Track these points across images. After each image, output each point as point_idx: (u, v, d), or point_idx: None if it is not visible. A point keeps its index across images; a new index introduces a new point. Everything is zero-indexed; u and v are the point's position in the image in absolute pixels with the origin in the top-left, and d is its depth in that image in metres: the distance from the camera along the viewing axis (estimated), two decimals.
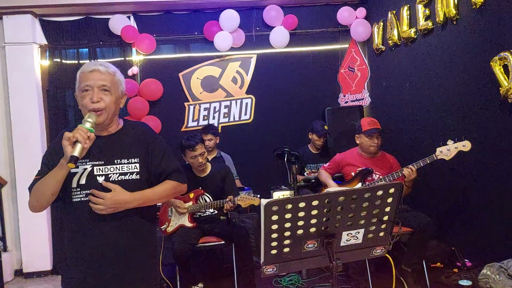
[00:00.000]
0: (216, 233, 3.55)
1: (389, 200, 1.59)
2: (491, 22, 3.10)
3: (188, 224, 3.49)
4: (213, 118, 5.35)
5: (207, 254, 4.12)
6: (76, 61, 5.03)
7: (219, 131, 5.26)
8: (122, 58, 5.08)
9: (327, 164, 3.94)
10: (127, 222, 1.81)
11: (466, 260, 3.61)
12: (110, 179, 1.78)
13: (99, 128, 1.80)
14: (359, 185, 3.53)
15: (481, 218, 3.45)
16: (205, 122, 5.28)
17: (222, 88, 5.37)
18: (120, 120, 1.93)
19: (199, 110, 5.32)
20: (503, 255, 3.10)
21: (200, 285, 3.55)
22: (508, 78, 2.89)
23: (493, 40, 3.07)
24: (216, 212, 3.63)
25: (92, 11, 5.01)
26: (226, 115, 5.38)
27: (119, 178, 1.80)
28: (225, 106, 5.38)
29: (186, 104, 5.29)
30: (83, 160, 1.76)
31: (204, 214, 3.60)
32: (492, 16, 3.09)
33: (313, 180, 4.18)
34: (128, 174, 1.81)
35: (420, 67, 4.11)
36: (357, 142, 3.73)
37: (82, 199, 1.77)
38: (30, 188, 1.79)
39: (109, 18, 4.98)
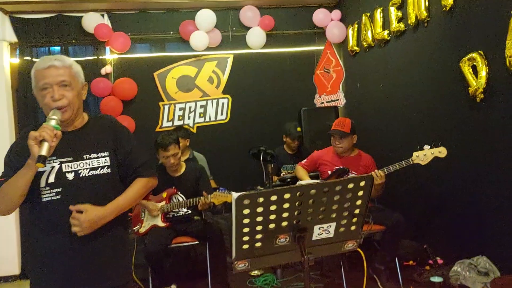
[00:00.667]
0: (190, 233, 3.51)
1: (360, 193, 1.60)
2: (460, 24, 3.18)
3: (161, 224, 3.44)
4: (188, 118, 5.30)
5: (180, 255, 4.07)
6: None
7: (194, 131, 5.23)
8: (96, 57, 4.97)
9: (304, 161, 3.96)
10: None
11: (437, 257, 3.68)
12: (81, 175, 1.74)
13: (65, 124, 1.75)
14: None
15: (452, 216, 3.52)
16: (180, 122, 5.23)
17: (198, 88, 5.34)
18: (85, 114, 1.88)
19: (174, 110, 5.27)
20: (473, 252, 3.17)
21: (173, 286, 3.50)
22: (477, 78, 2.97)
23: (462, 41, 3.15)
24: (189, 212, 3.59)
25: (65, 9, 4.89)
26: (201, 115, 5.34)
27: (89, 174, 1.75)
28: (201, 106, 5.35)
29: (160, 104, 5.23)
30: (50, 158, 1.70)
31: (178, 214, 3.56)
32: (461, 18, 3.17)
33: (288, 180, 4.18)
34: (99, 168, 1.77)
35: (393, 68, 4.19)
36: None
37: (52, 198, 1.71)
38: None
39: (82, 16, 4.88)
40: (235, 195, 1.47)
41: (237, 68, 5.38)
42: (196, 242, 3.48)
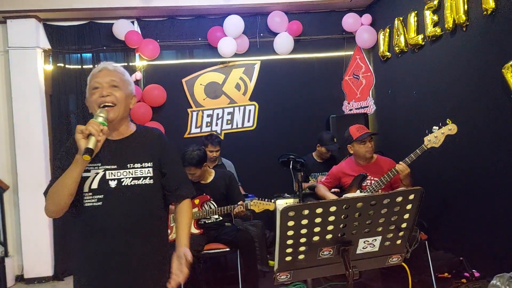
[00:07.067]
0: (221, 240, 3.50)
1: (408, 207, 1.54)
2: (502, 28, 3.06)
3: (194, 230, 3.43)
4: (216, 125, 5.31)
5: (211, 261, 4.06)
6: (80, 66, 5.01)
7: (222, 137, 5.22)
8: (126, 64, 5.06)
9: (324, 178, 3.90)
10: (139, 228, 1.77)
11: (474, 270, 3.55)
12: (123, 184, 1.75)
13: (111, 128, 1.74)
14: (357, 192, 3.49)
15: (490, 228, 3.39)
16: (208, 129, 5.24)
17: (225, 94, 5.34)
18: (132, 124, 1.89)
19: (202, 117, 5.29)
20: None
21: None
22: None
23: (505, 46, 3.03)
24: (220, 218, 3.58)
25: (96, 16, 4.99)
26: (229, 122, 5.34)
27: (132, 183, 1.76)
28: (228, 113, 5.35)
29: (189, 110, 5.25)
30: (95, 164, 1.73)
31: (209, 221, 3.55)
32: (503, 22, 3.05)
33: None
34: (141, 178, 1.77)
35: (428, 74, 4.07)
36: (351, 151, 3.65)
37: (94, 204, 1.73)
38: (45, 193, 1.74)
39: (113, 23, 4.96)
40: (280, 207, 1.44)
41: (264, 75, 5.36)
42: (227, 249, 3.46)
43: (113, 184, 1.74)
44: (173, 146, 1.94)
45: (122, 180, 1.75)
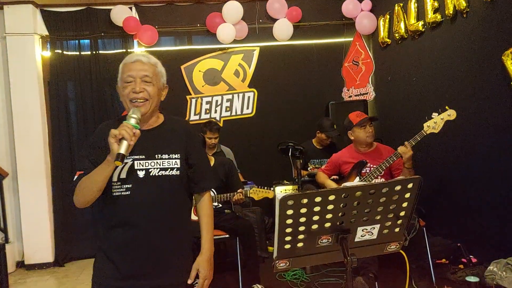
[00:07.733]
0: (221, 227, 3.52)
1: (407, 195, 1.55)
2: (503, 15, 3.04)
3: (194, 217, 3.44)
4: (215, 112, 5.30)
5: None
6: (78, 53, 4.97)
7: (221, 125, 5.22)
8: (124, 50, 5.00)
9: (324, 166, 3.91)
10: (166, 218, 1.80)
11: (471, 256, 3.58)
12: (150, 174, 1.76)
13: (141, 121, 1.75)
14: (357, 179, 3.50)
15: (487, 214, 3.42)
16: (207, 116, 5.23)
17: (224, 81, 5.32)
18: (160, 115, 1.90)
19: (201, 104, 5.27)
20: (510, 251, 3.07)
21: None
22: None
23: (505, 33, 3.01)
24: (220, 205, 3.60)
25: (93, 2, 4.94)
26: (228, 108, 5.33)
27: (159, 173, 1.77)
28: (227, 100, 5.33)
29: (188, 97, 5.24)
30: None
31: None
32: (504, 9, 3.03)
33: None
34: (169, 169, 1.79)
35: (428, 61, 4.05)
36: (352, 138, 3.65)
37: (122, 193, 1.75)
38: (75, 184, 1.75)
39: (111, 9, 4.91)
40: (279, 195, 1.45)
41: (263, 61, 5.33)
42: (227, 236, 3.49)
43: (141, 174, 1.76)
44: (199, 137, 1.96)
45: (150, 170, 1.77)
